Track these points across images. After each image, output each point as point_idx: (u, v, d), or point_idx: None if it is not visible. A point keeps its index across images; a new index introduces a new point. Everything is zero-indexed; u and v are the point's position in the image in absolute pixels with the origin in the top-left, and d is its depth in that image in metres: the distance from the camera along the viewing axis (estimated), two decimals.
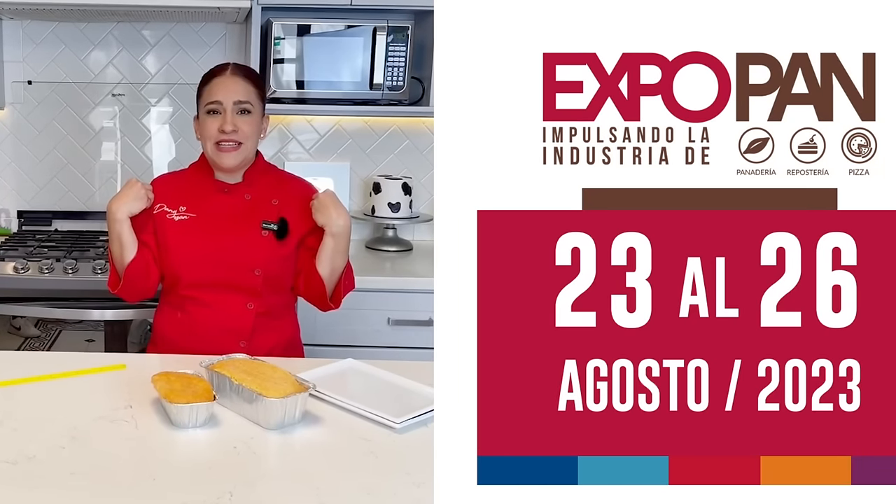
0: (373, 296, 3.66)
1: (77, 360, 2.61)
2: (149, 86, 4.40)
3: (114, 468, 1.93)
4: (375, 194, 4.24)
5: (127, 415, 2.19)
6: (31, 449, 1.97)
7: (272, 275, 2.79)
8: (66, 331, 3.76)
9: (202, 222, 2.80)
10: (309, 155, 4.45)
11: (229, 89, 2.75)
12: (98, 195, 4.46)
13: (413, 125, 4.45)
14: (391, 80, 3.93)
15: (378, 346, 3.70)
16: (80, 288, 3.64)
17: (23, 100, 4.37)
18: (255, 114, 2.78)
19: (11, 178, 4.45)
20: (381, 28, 3.90)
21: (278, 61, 3.92)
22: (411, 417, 2.18)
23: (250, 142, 2.78)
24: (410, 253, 4.27)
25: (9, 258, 3.73)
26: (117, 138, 4.44)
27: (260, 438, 2.09)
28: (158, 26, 4.34)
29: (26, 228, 4.42)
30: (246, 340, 2.76)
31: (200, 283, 2.78)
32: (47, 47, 4.35)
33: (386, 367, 2.54)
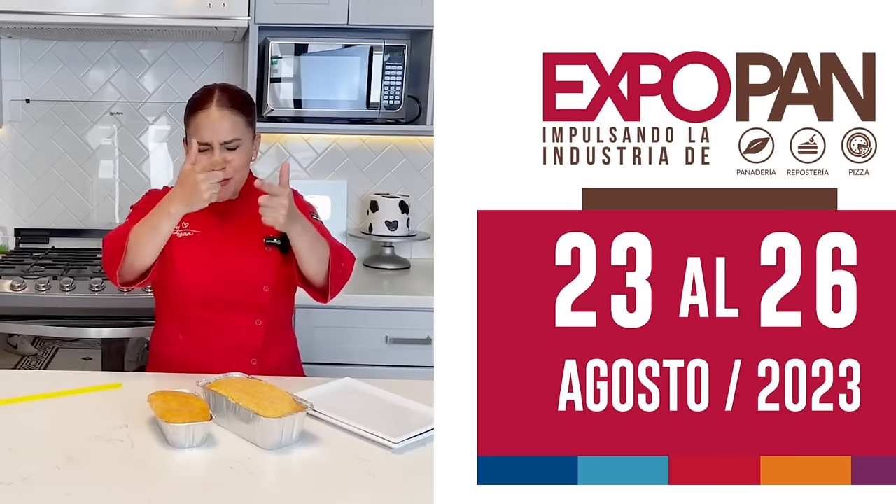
0: (370, 314, 3.66)
1: (73, 378, 2.59)
2: (147, 104, 4.41)
3: (110, 489, 1.91)
4: (373, 212, 4.25)
5: (123, 434, 2.17)
6: (25, 469, 1.95)
7: (280, 289, 2.78)
8: (63, 349, 3.74)
9: (206, 240, 2.75)
10: (306, 173, 4.45)
11: (216, 130, 2.65)
12: (95, 213, 4.47)
13: (410, 143, 4.45)
14: (388, 98, 3.94)
15: (376, 365, 3.68)
16: (77, 306, 3.62)
17: (21, 118, 4.38)
18: (244, 144, 2.71)
19: (9, 195, 4.45)
20: (378, 47, 3.91)
21: (275, 80, 3.92)
22: (410, 437, 2.17)
23: (241, 172, 2.72)
24: (408, 271, 4.26)
25: (6, 276, 3.71)
26: (115, 156, 4.44)
27: (257, 458, 2.08)
28: (156, 45, 4.35)
29: (23, 246, 4.40)
30: (257, 358, 2.75)
31: (208, 303, 2.74)
32: (45, 66, 4.36)
33: (384, 386, 2.53)
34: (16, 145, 4.41)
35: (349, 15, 3.84)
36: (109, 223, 4.40)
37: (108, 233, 2.80)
